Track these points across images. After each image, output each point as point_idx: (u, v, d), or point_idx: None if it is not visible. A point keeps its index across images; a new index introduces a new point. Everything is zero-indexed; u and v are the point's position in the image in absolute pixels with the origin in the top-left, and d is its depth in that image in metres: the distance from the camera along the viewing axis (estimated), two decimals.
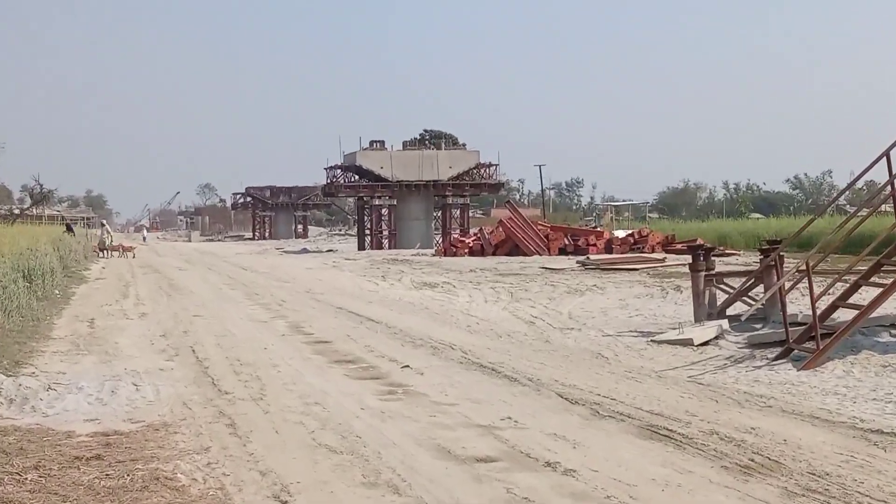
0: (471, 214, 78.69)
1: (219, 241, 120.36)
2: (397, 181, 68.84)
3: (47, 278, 25.45)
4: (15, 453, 8.20)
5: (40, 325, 17.96)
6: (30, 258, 24.92)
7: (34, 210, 70.17)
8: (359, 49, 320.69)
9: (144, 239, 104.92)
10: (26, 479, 7.39)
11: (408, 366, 12.98)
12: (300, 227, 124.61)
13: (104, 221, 63.85)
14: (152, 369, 12.89)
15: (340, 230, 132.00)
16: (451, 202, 70.60)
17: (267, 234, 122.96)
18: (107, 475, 7.52)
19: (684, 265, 23.80)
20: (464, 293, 25.28)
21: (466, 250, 49.06)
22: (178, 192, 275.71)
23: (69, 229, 41.84)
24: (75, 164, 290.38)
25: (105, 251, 53.01)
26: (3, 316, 16.69)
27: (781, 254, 15.09)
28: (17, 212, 64.34)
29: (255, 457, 8.15)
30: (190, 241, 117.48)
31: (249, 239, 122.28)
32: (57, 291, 25.66)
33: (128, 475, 7.50)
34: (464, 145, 77.50)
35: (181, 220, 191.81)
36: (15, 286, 19.36)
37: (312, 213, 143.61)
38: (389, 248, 67.20)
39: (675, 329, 15.77)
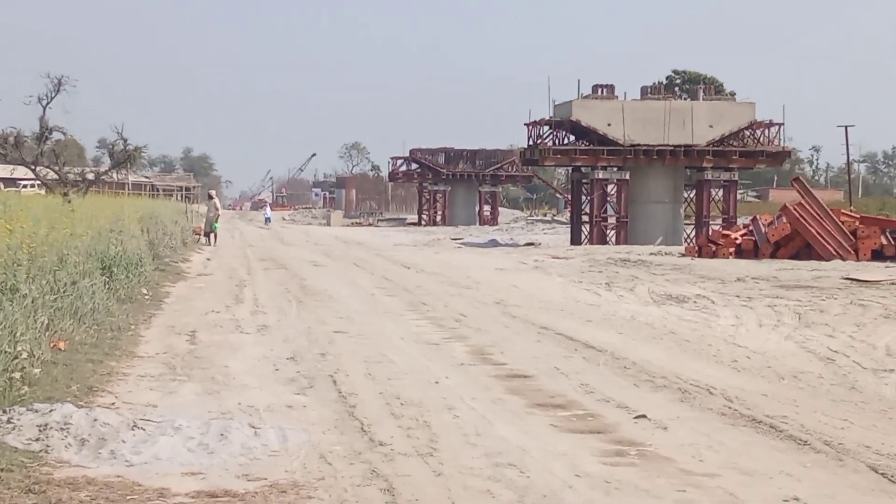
0: (739, 197, 77.60)
1: (370, 225, 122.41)
2: (631, 145, 68.28)
3: (132, 271, 26.30)
4: None
5: (122, 338, 18.61)
6: (111, 242, 25.76)
7: (115, 174, 72.25)
8: None
9: (267, 220, 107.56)
10: None
11: (644, 415, 12.95)
12: (487, 208, 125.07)
13: (212, 193, 65.20)
14: (277, 406, 13.22)
15: (546, 214, 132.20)
16: (710, 177, 69.63)
17: (439, 218, 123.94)
18: None
19: None
20: (727, 312, 24.99)
21: (732, 249, 48.49)
22: (314, 155, 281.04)
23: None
24: (170, 115, 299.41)
25: (209, 235, 54.42)
26: (73, 322, 17.34)
27: None
28: (90, 176, 66.39)
29: None
30: (329, 224, 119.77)
31: (414, 224, 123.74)
32: (145, 290, 26.54)
33: None
34: (731, 95, 76.36)
35: (316, 195, 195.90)
36: (89, 281, 20.06)
37: (505, 188, 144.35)
38: (617, 242, 66.89)
39: None
